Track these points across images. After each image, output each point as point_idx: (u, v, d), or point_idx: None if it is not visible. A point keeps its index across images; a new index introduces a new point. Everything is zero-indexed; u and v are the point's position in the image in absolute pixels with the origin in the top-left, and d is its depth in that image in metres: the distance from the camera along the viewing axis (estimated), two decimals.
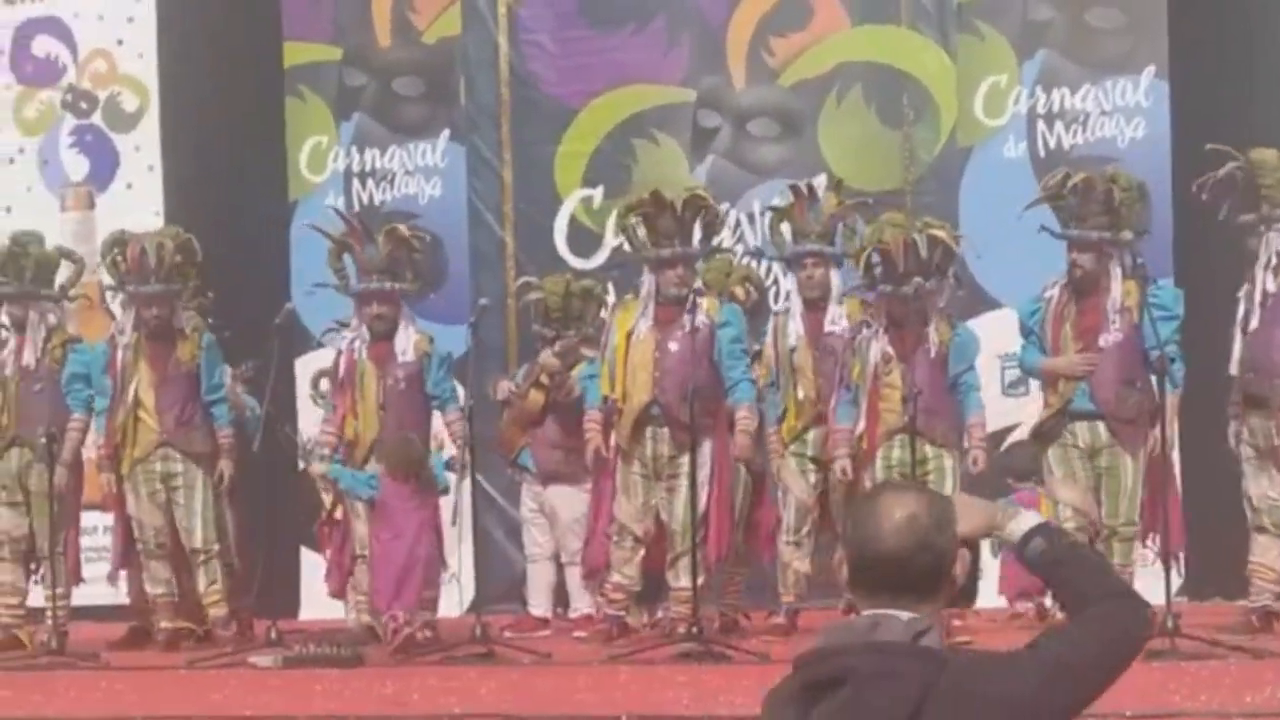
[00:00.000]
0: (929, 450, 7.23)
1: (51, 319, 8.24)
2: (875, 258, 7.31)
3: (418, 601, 7.34)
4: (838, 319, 7.57)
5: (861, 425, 7.29)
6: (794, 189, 7.85)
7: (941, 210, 8.58)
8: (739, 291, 8.11)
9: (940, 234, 7.38)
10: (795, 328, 7.63)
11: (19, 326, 8.16)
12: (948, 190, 9.28)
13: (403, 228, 7.97)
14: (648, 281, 7.58)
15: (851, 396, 7.34)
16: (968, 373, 7.35)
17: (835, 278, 7.67)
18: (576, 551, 8.15)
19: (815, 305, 7.63)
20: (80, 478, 8.24)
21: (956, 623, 6.76)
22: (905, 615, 2.37)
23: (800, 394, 7.58)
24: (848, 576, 2.47)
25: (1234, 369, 7.17)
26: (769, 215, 7.99)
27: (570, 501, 8.23)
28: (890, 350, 7.26)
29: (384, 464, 7.44)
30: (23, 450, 8.12)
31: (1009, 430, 8.58)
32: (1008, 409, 8.66)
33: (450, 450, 7.78)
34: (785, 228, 7.76)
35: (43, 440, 7.87)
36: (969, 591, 2.47)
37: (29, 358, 8.12)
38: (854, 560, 2.43)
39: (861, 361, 7.32)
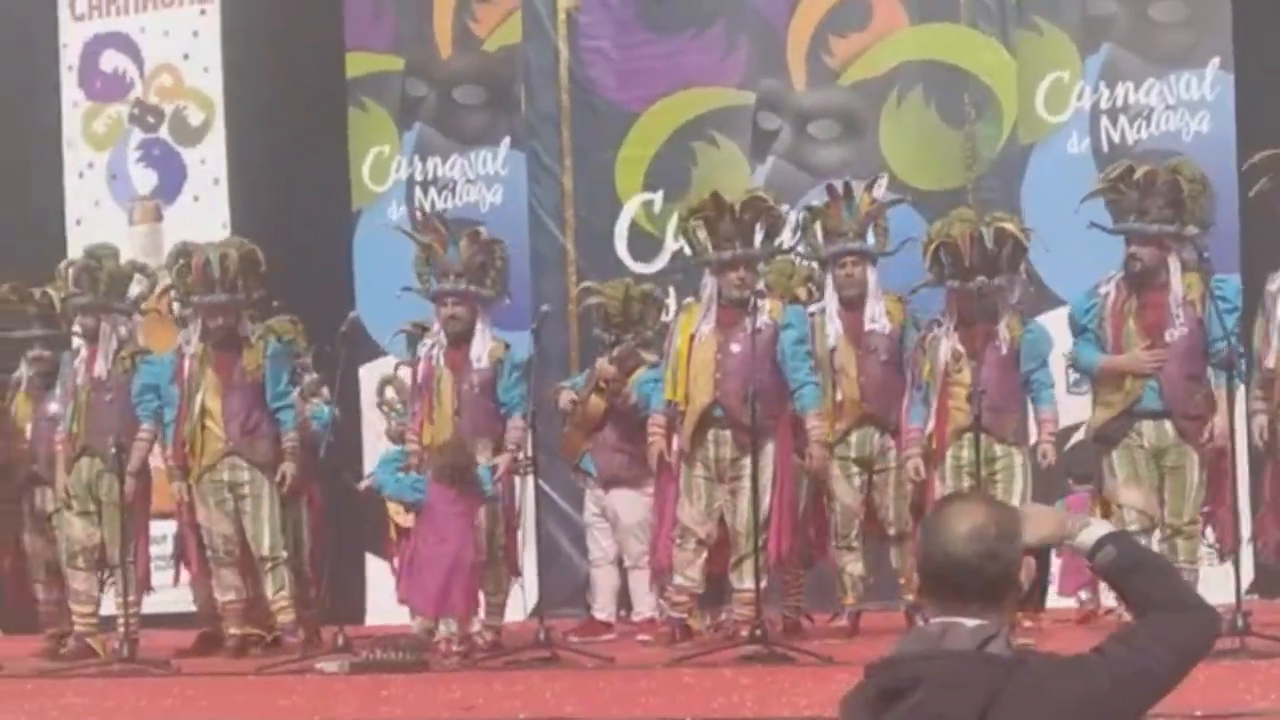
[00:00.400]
0: (998, 449, 7.16)
1: (123, 331, 8.34)
2: (942, 253, 7.24)
3: (466, 607, 7.37)
4: (877, 316, 7.52)
5: (931, 424, 7.23)
6: (830, 188, 7.82)
7: (1004, 208, 8.52)
8: (801, 293, 8.07)
9: (1009, 227, 7.30)
10: (833, 327, 7.57)
11: (91, 337, 8.26)
12: (1010, 187, 9.22)
13: (484, 231, 8.00)
14: (709, 284, 7.57)
15: (922, 395, 7.28)
16: (1040, 370, 7.27)
17: (872, 276, 7.61)
18: (639, 555, 8.15)
19: (853, 304, 7.58)
20: (149, 487, 8.33)
21: (1027, 624, 6.70)
22: (972, 623, 2.45)
23: (841, 395, 7.53)
24: (918, 584, 2.60)
25: (1271, 361, 7.00)
26: (803, 215, 7.94)
27: (632, 505, 8.23)
28: (960, 348, 7.19)
29: (430, 468, 7.47)
30: (93, 460, 8.21)
31: (1074, 429, 8.49)
32: (1072, 408, 8.57)
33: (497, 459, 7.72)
34: (818, 227, 7.72)
35: (113, 450, 7.95)
36: (1037, 597, 2.54)
37: (100, 369, 8.21)
38: (924, 569, 2.53)
39: (931, 360, 7.26)
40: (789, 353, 7.38)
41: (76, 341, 8.38)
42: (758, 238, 7.51)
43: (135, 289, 8.51)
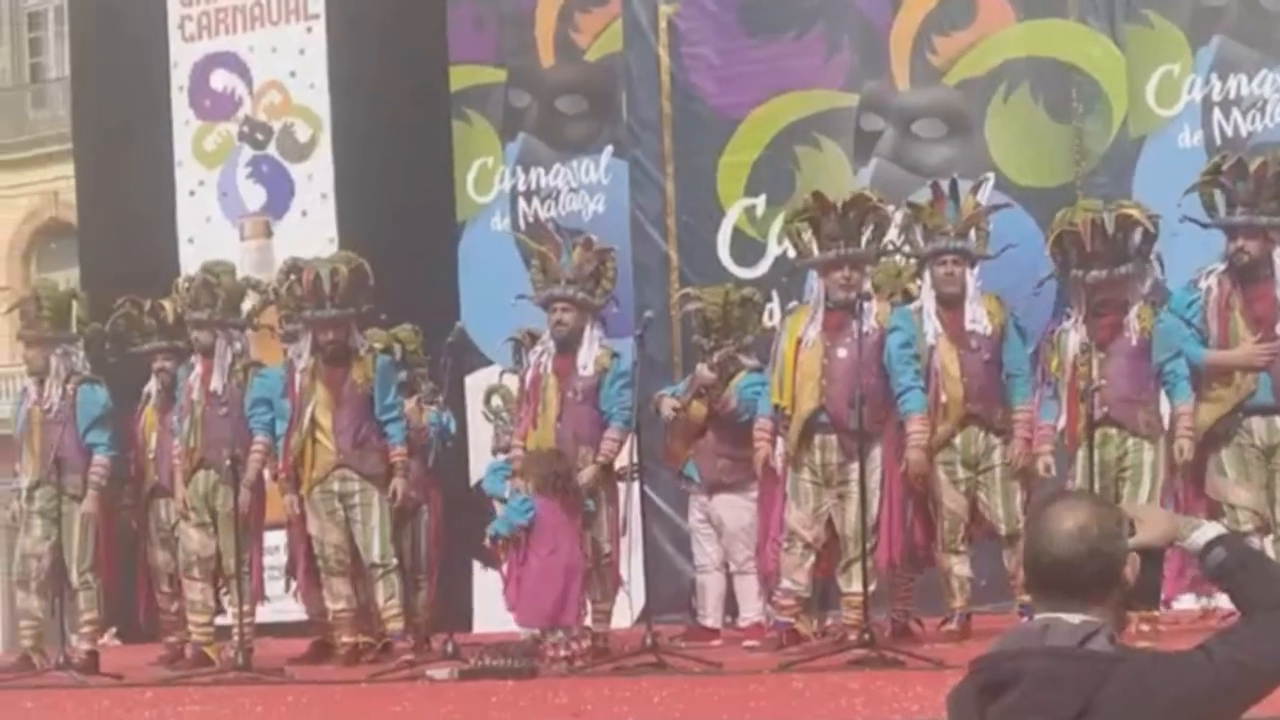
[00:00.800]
0: (1129, 443, 7.01)
1: (237, 345, 8.46)
2: (1065, 243, 7.08)
3: (576, 617, 7.36)
4: (979, 318, 7.40)
5: (1062, 420, 7.10)
6: (934, 186, 7.71)
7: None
8: (913, 288, 7.95)
9: (1133, 213, 7.12)
10: (931, 326, 7.46)
11: (207, 353, 8.38)
12: (1121, 183, 9.05)
13: (596, 240, 8.01)
14: (816, 287, 7.51)
15: (1052, 391, 7.15)
16: (1174, 361, 7.00)
17: (971, 277, 7.45)
18: (744, 560, 8.10)
19: (951, 303, 7.43)
20: (263, 499, 8.43)
21: (1144, 627, 6.55)
22: (1076, 619, 2.48)
23: (944, 396, 7.39)
24: (1025, 580, 2.67)
25: None
26: (905, 212, 7.84)
27: (736, 510, 8.19)
28: (1087, 341, 7.02)
29: (529, 480, 7.48)
30: (209, 473, 8.33)
31: None
32: None
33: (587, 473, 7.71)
34: (919, 226, 7.62)
35: (228, 463, 8.06)
36: (1148, 595, 2.58)
37: (216, 383, 8.33)
38: (1029, 566, 2.58)
39: (1060, 354, 7.12)
40: (895, 356, 7.29)
41: (193, 357, 8.50)
42: (864, 237, 7.43)
43: (247, 304, 8.62)
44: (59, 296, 8.71)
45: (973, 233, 7.53)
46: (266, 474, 8.37)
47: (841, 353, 7.32)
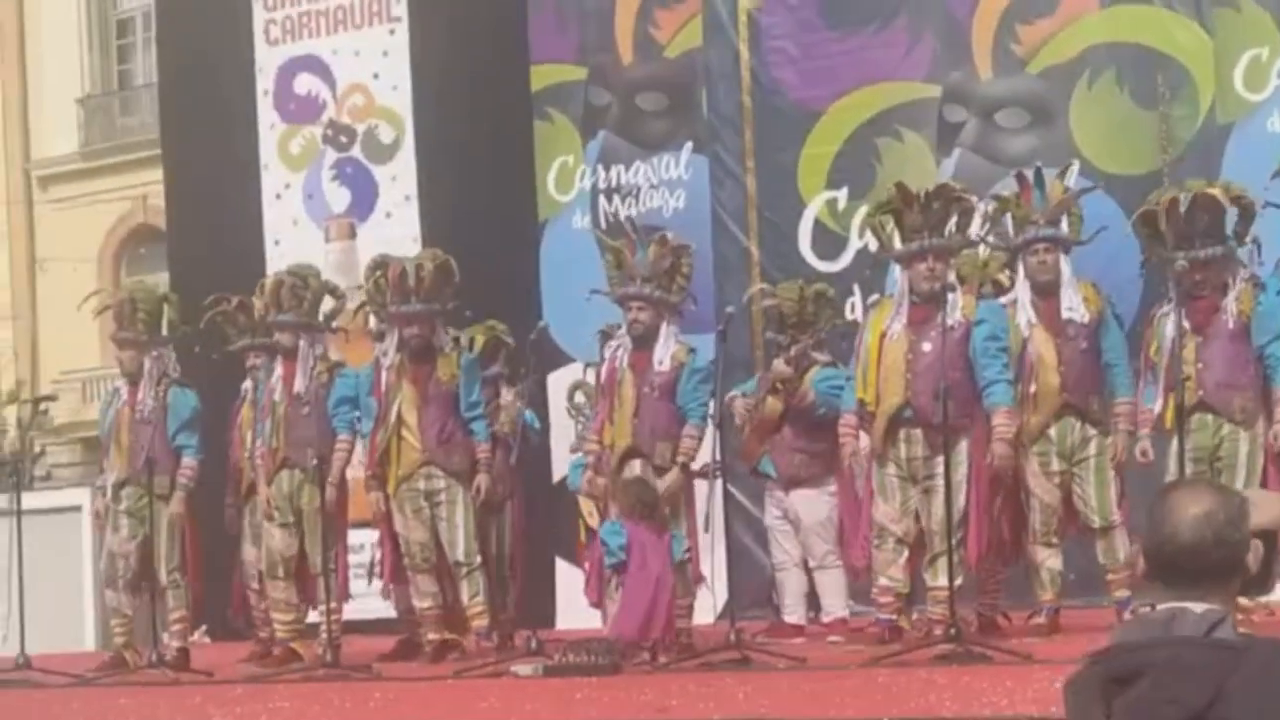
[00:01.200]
0: (1226, 429, 6.89)
1: (319, 347, 8.53)
2: (1162, 224, 6.96)
3: (669, 629, 7.35)
4: (1075, 305, 7.30)
5: (1159, 404, 6.99)
6: (1019, 176, 7.62)
7: None
8: (1002, 278, 7.86)
9: (1215, 193, 6.99)
10: (1025, 317, 7.36)
11: (289, 355, 8.45)
12: (1209, 169, 8.89)
13: (671, 237, 8.02)
14: (900, 280, 7.45)
15: (1153, 376, 7.05)
16: (1274, 343, 6.87)
17: (1065, 264, 7.36)
18: (824, 554, 8.05)
19: (1047, 292, 7.35)
20: (346, 497, 8.50)
21: (1255, 617, 6.43)
22: (1201, 607, 2.47)
23: (1036, 385, 7.30)
24: (1145, 569, 2.62)
25: None
26: (992, 205, 7.74)
27: (813, 505, 8.14)
28: (1185, 324, 6.92)
29: (618, 505, 7.49)
30: (293, 473, 8.40)
31: None
32: None
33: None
34: (1008, 218, 7.52)
35: (313, 463, 8.14)
36: (1262, 581, 2.57)
37: (299, 384, 8.40)
38: (1151, 555, 2.56)
39: (1159, 338, 7.02)
40: (980, 349, 7.20)
41: (275, 359, 8.58)
42: (948, 227, 7.36)
43: (325, 307, 8.70)
44: (153, 299, 8.83)
45: (1064, 219, 7.44)
46: (351, 472, 8.43)
47: (926, 346, 7.24)
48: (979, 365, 7.20)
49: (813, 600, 8.38)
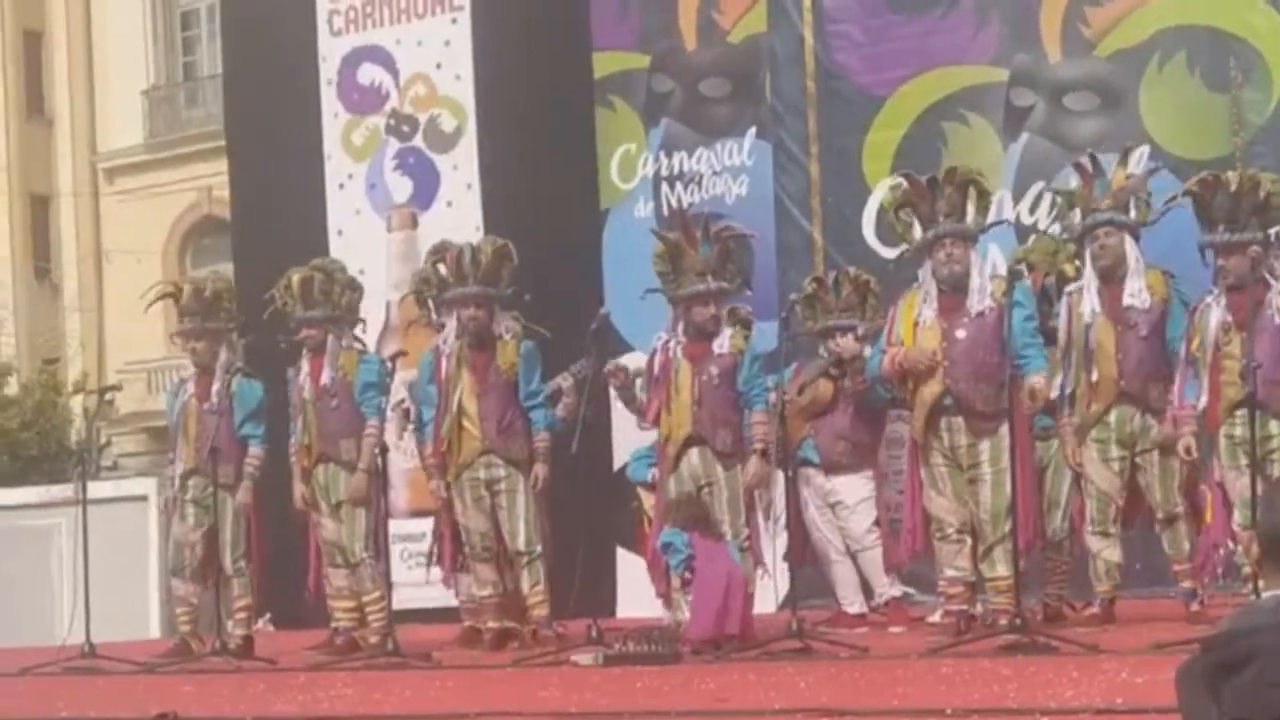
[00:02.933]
0: (1273, 425, 6.71)
1: (344, 341, 8.50)
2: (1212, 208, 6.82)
3: (746, 624, 7.31)
4: (1137, 291, 7.16)
5: (1203, 400, 6.86)
6: (1078, 166, 7.50)
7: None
8: (1069, 269, 7.77)
9: (1261, 179, 6.87)
10: (1090, 304, 7.23)
11: (317, 350, 8.42)
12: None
13: (731, 225, 7.96)
14: (924, 270, 7.33)
15: (1194, 370, 6.90)
16: None
17: (1131, 249, 7.23)
18: (863, 533, 8.05)
19: (1109, 277, 7.22)
20: (384, 483, 8.48)
21: None
22: None
23: (1098, 374, 7.19)
24: (1259, 556, 2.67)
25: None
26: (1057, 200, 7.63)
27: (854, 486, 8.17)
28: (1229, 318, 6.79)
29: (675, 521, 7.46)
30: (328, 466, 8.40)
31: None
32: None
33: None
34: (1076, 213, 7.40)
35: (361, 453, 8.18)
36: None
37: (326, 378, 8.38)
38: (1266, 541, 2.59)
39: (1201, 331, 6.88)
40: (1018, 329, 7.03)
41: (298, 356, 8.54)
42: (969, 212, 7.24)
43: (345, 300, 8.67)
44: (218, 290, 8.86)
45: (1131, 203, 7.31)
46: (405, 463, 8.41)
47: (960, 333, 7.15)
48: (1016, 343, 7.00)
49: (865, 587, 8.31)
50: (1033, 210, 9.41)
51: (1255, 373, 6.54)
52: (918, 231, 7.33)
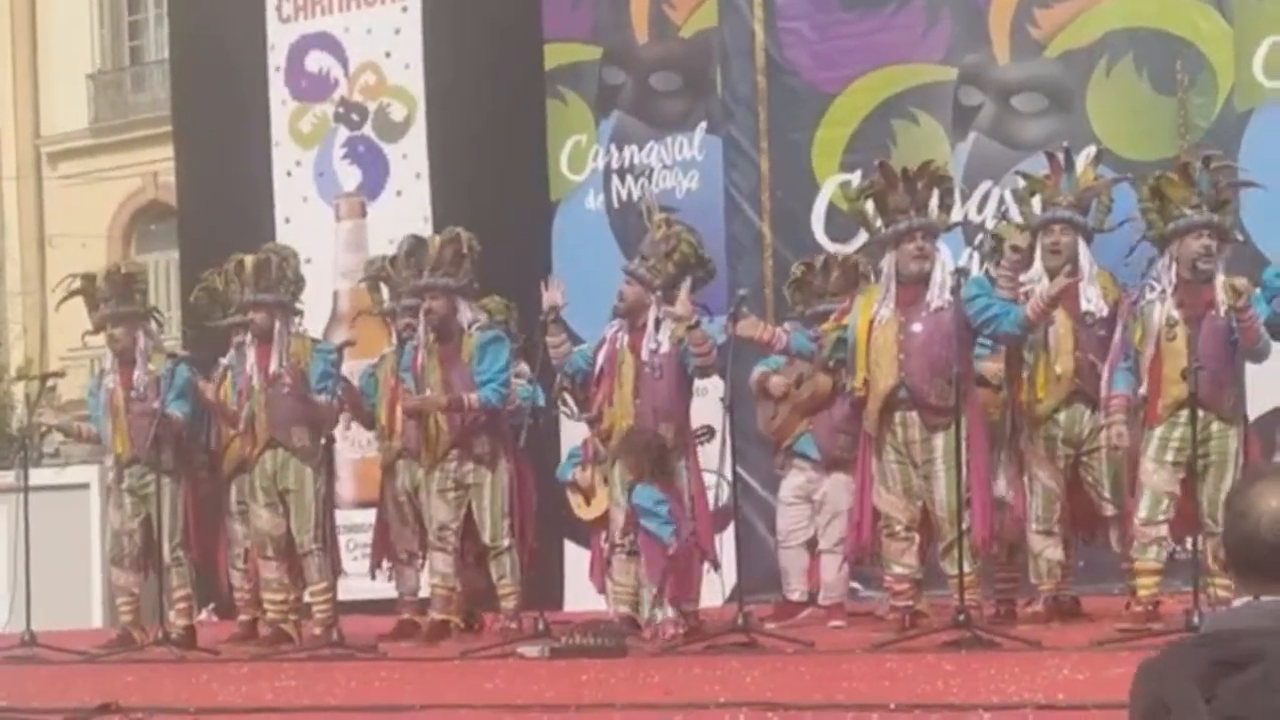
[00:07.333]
0: (1215, 426, 6.68)
1: (291, 327, 8.43)
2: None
3: (691, 593, 7.32)
4: (1094, 299, 7.18)
5: (1142, 391, 6.80)
6: (1049, 156, 7.52)
7: None
8: (1020, 244, 7.74)
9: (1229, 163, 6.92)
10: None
11: (264, 337, 8.31)
12: (1226, 156, 8.77)
13: (670, 217, 7.97)
14: (886, 263, 7.34)
15: (1130, 364, 6.85)
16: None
17: (1084, 251, 7.24)
18: (837, 541, 7.97)
19: (1059, 274, 7.19)
20: (330, 473, 8.42)
21: None
22: None
23: (1057, 370, 7.21)
24: (1225, 562, 2.58)
25: None
26: (1021, 184, 7.65)
27: (843, 492, 7.98)
28: (1175, 313, 6.70)
29: (622, 463, 7.44)
30: (276, 453, 8.30)
31: None
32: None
33: None
34: (1036, 200, 7.42)
35: (323, 442, 8.13)
36: None
37: (274, 365, 8.31)
38: (1236, 548, 2.48)
39: (1144, 325, 6.80)
40: (977, 314, 7.07)
41: (245, 339, 8.43)
42: (932, 206, 7.27)
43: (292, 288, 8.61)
44: (130, 272, 8.77)
45: (1094, 205, 7.33)
46: (351, 454, 8.38)
47: (917, 327, 7.14)
48: (977, 322, 7.03)
49: (813, 582, 8.29)
50: (980, 209, 9.46)
51: (1197, 373, 6.51)
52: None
